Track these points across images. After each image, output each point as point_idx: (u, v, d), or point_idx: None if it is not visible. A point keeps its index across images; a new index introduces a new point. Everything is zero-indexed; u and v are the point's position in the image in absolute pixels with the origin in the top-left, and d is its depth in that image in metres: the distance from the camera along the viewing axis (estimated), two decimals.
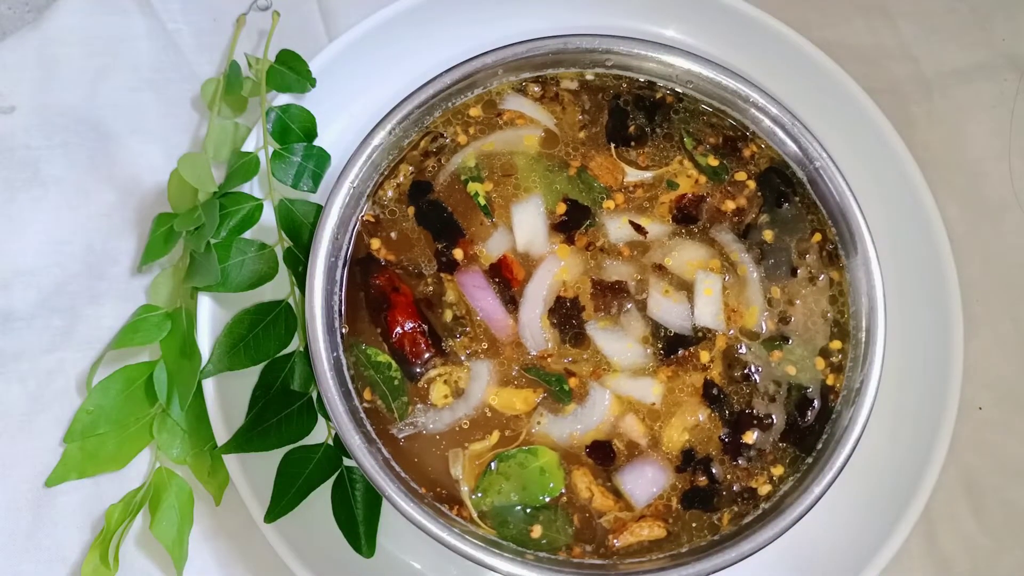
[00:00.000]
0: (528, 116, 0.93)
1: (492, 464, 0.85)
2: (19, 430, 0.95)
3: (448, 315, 0.88)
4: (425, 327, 0.88)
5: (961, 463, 0.98)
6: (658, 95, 0.94)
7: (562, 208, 0.90)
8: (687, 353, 0.88)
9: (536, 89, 0.94)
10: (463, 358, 0.88)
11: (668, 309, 0.88)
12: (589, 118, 0.93)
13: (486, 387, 0.87)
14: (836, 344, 0.88)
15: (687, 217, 0.91)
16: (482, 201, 0.90)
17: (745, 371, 0.88)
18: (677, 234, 0.91)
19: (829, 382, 0.88)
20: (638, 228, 0.90)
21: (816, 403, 0.87)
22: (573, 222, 0.90)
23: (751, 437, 0.86)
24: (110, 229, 1.01)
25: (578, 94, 0.94)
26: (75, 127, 1.02)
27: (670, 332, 0.88)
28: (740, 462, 0.86)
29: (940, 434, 0.92)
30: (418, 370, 0.87)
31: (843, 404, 0.86)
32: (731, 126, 0.93)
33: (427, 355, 0.87)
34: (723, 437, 0.87)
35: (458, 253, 0.89)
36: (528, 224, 0.90)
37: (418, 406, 0.87)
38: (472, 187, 0.91)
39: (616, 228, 0.90)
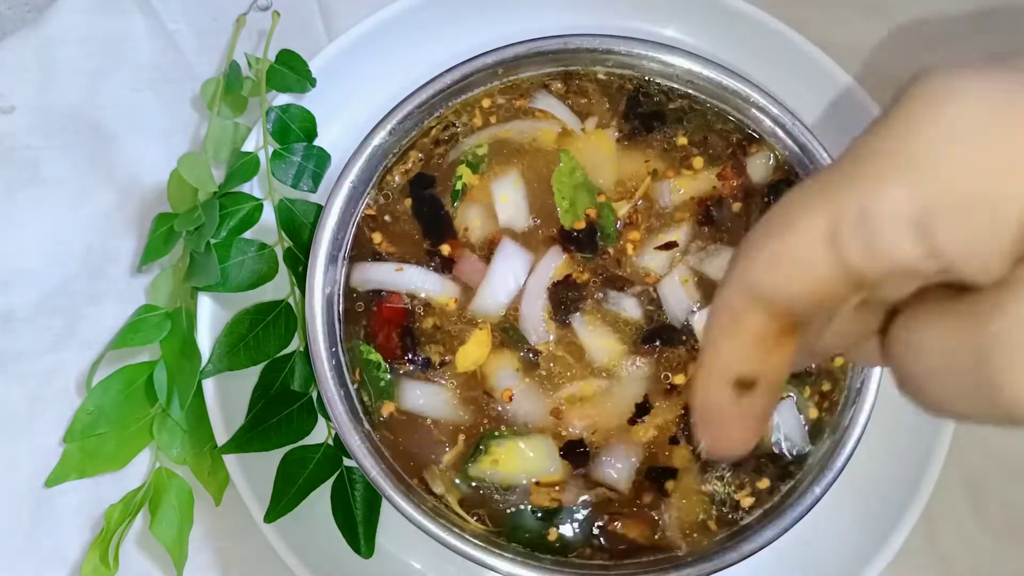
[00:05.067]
0: (556, 116, 0.92)
1: (469, 467, 0.85)
2: (19, 430, 0.95)
3: (429, 322, 0.88)
4: (409, 327, 0.87)
5: (961, 463, 0.98)
6: (656, 95, 0.93)
7: (581, 224, 0.89)
8: (674, 355, 0.87)
9: (560, 86, 0.93)
10: (437, 362, 0.87)
11: (677, 293, 0.88)
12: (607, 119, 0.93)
13: (457, 385, 0.87)
14: None
15: (711, 219, 0.90)
16: (459, 185, 0.90)
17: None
18: (707, 239, 0.90)
19: (829, 388, 0.88)
20: (668, 245, 0.89)
21: (817, 407, 0.87)
22: (579, 245, 0.89)
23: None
24: (110, 229, 1.01)
25: (594, 92, 0.93)
26: (75, 127, 1.02)
27: (663, 318, 0.87)
28: (734, 467, 0.86)
29: (940, 434, 0.92)
30: (394, 368, 0.87)
31: (843, 405, 0.86)
32: (733, 127, 0.93)
33: (403, 356, 0.87)
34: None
35: (445, 249, 0.89)
36: (510, 204, 0.89)
37: (400, 405, 0.86)
38: (461, 170, 0.90)
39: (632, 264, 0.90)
